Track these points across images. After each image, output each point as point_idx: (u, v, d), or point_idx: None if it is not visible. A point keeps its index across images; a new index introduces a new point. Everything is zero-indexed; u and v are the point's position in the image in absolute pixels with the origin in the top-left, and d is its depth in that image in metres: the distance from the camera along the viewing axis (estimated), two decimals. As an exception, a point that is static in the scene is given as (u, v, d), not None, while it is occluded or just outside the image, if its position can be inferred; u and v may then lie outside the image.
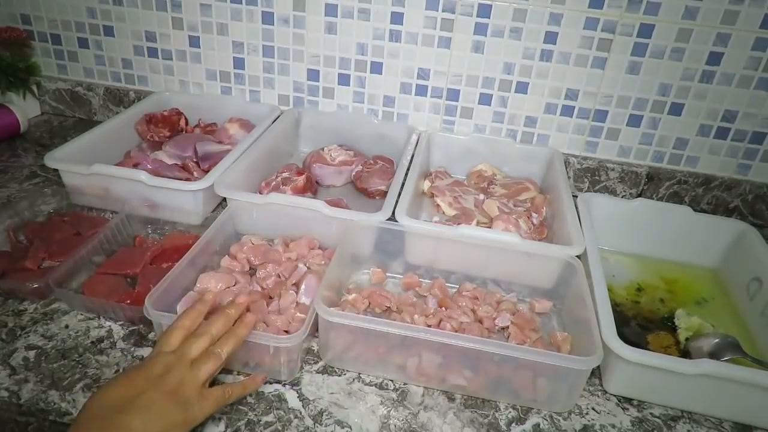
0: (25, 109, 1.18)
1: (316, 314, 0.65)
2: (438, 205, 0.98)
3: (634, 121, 1.05)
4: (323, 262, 0.81)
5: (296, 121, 1.16)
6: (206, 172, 0.94)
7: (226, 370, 0.66)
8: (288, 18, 1.09)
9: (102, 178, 0.89)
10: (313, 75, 1.14)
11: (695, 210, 0.92)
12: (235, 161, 0.93)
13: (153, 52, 1.18)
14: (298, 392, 0.65)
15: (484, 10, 1.00)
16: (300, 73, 1.14)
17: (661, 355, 0.64)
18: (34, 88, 1.24)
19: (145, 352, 0.68)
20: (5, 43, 1.16)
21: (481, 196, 0.99)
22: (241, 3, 1.09)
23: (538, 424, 0.64)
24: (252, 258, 0.80)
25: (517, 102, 1.08)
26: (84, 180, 0.90)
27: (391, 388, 0.67)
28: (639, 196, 1.08)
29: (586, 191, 1.11)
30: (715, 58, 0.96)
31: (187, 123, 1.14)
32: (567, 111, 1.06)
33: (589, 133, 1.08)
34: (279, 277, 0.78)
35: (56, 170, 0.94)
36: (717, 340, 0.73)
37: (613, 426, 0.65)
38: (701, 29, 0.94)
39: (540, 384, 0.64)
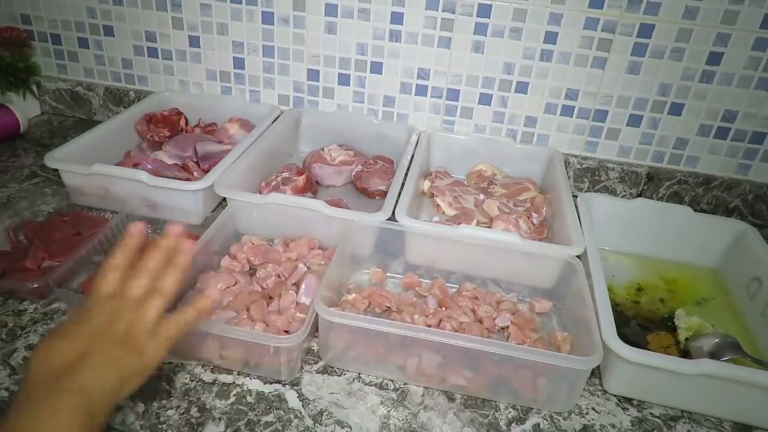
0: (25, 109, 1.18)
1: (316, 314, 0.65)
2: (438, 205, 0.98)
3: (634, 121, 1.05)
4: (323, 262, 0.81)
5: (296, 121, 1.16)
6: (206, 172, 0.94)
7: (225, 371, 0.66)
8: (288, 18, 1.09)
9: (102, 178, 0.89)
10: (313, 75, 1.14)
11: (695, 210, 0.92)
12: (235, 161, 0.93)
13: (153, 52, 1.18)
14: (298, 392, 0.65)
15: (484, 10, 1.00)
16: (300, 73, 1.14)
17: (661, 355, 0.64)
18: (34, 88, 1.24)
19: (145, 352, 0.68)
20: (5, 43, 1.16)
21: (481, 196, 0.99)
22: (241, 3, 1.09)
23: (538, 424, 0.64)
24: (252, 258, 0.80)
25: (517, 102, 1.08)
26: (84, 180, 0.90)
27: (391, 388, 0.67)
28: (639, 196, 1.08)
29: (586, 191, 1.11)
30: (715, 58, 0.96)
31: (187, 123, 1.14)
32: (567, 111, 1.06)
33: (589, 133, 1.08)
34: (279, 277, 0.78)
35: (56, 170, 0.94)
36: (717, 340, 0.73)
37: (613, 426, 0.65)
38: (701, 29, 0.94)
39: (540, 384, 0.64)
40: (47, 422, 0.39)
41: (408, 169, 0.96)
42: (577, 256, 0.77)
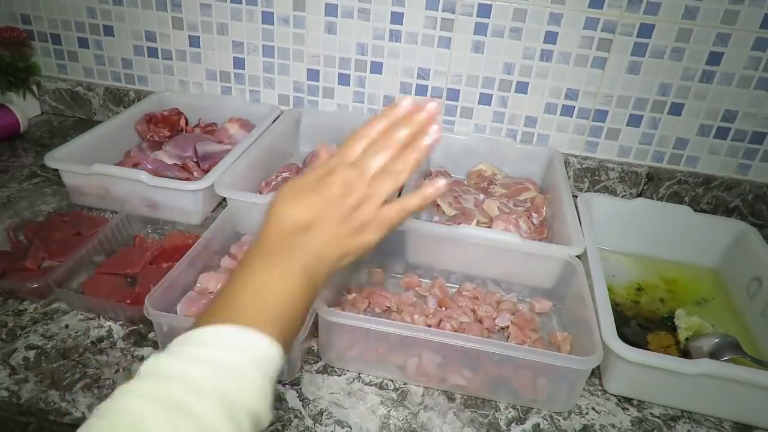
0: (25, 109, 1.18)
1: (316, 314, 0.65)
2: (438, 205, 0.98)
3: (634, 121, 1.05)
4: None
5: (296, 121, 1.16)
6: (206, 172, 0.94)
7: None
8: (288, 18, 1.09)
9: (102, 178, 0.89)
10: (313, 75, 1.14)
11: (695, 210, 0.92)
12: (235, 161, 0.93)
13: (153, 52, 1.18)
14: (298, 392, 0.65)
15: (484, 10, 1.00)
16: (300, 73, 1.14)
17: (661, 355, 0.64)
18: (34, 88, 1.24)
19: (146, 352, 0.68)
20: (5, 43, 1.16)
21: (481, 196, 0.99)
22: (241, 3, 1.09)
23: (538, 424, 0.64)
24: (252, 258, 0.80)
25: (517, 102, 1.08)
26: (84, 180, 0.90)
27: (391, 388, 0.67)
28: (639, 196, 1.08)
29: (586, 191, 1.11)
30: (715, 58, 0.96)
31: (187, 123, 1.14)
32: (567, 111, 1.06)
33: (589, 133, 1.08)
34: (279, 277, 0.78)
35: (56, 170, 0.94)
36: (717, 340, 0.74)
37: (613, 426, 0.65)
38: (701, 29, 0.94)
39: (540, 384, 0.64)
40: (283, 280, 0.45)
41: (408, 169, 0.96)
42: (577, 256, 0.77)
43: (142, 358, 0.67)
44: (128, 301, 0.72)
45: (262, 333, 0.41)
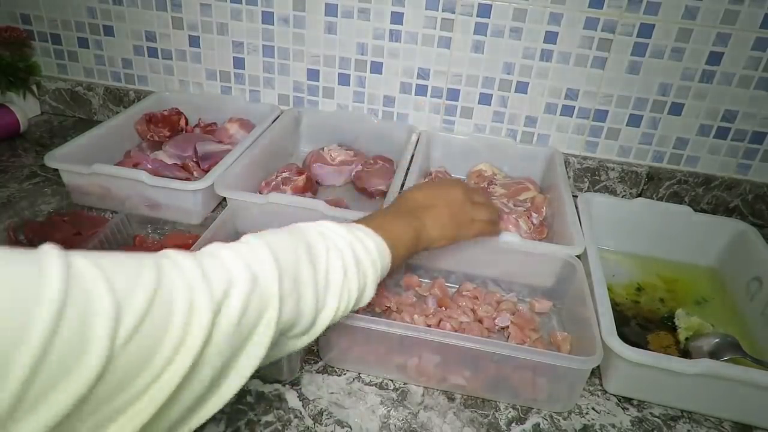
0: (25, 109, 1.18)
1: (316, 314, 0.65)
2: (438, 205, 0.98)
3: (634, 120, 1.05)
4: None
5: (296, 120, 1.16)
6: (206, 172, 0.94)
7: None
8: (288, 18, 1.09)
9: (102, 178, 0.89)
10: (313, 75, 1.14)
11: (695, 210, 0.92)
12: (235, 161, 0.93)
13: (153, 52, 1.18)
14: (298, 392, 0.65)
15: (484, 10, 1.00)
16: (300, 73, 1.14)
17: (660, 355, 0.64)
18: (34, 88, 1.24)
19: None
20: (5, 43, 1.16)
21: (481, 196, 0.99)
22: (241, 3, 1.09)
23: (538, 424, 0.64)
24: (252, 258, 0.80)
25: (517, 102, 1.08)
26: (84, 180, 0.90)
27: (391, 387, 0.67)
28: (639, 196, 1.08)
29: (586, 191, 1.11)
30: (715, 58, 0.96)
31: (187, 123, 1.14)
32: (567, 111, 1.07)
33: (589, 132, 1.08)
34: (279, 277, 0.78)
35: (56, 170, 0.94)
36: (717, 340, 0.73)
37: (613, 426, 0.65)
38: (701, 29, 0.94)
39: (540, 384, 0.64)
40: (401, 226, 0.62)
41: (408, 169, 0.96)
42: (577, 256, 0.77)
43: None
44: (128, 301, 0.71)
45: (384, 241, 0.57)
